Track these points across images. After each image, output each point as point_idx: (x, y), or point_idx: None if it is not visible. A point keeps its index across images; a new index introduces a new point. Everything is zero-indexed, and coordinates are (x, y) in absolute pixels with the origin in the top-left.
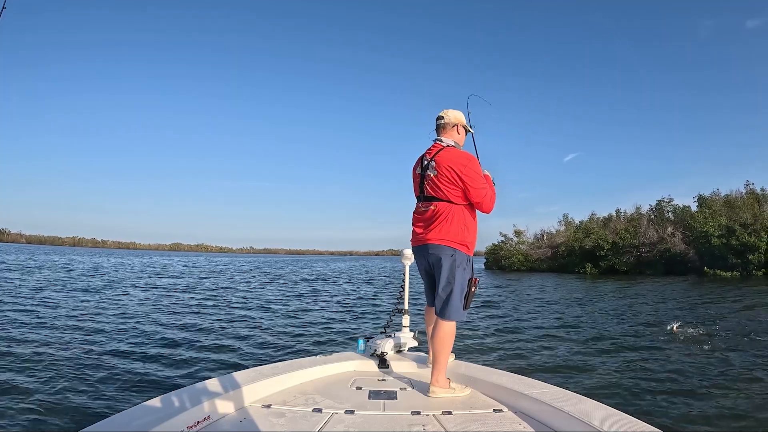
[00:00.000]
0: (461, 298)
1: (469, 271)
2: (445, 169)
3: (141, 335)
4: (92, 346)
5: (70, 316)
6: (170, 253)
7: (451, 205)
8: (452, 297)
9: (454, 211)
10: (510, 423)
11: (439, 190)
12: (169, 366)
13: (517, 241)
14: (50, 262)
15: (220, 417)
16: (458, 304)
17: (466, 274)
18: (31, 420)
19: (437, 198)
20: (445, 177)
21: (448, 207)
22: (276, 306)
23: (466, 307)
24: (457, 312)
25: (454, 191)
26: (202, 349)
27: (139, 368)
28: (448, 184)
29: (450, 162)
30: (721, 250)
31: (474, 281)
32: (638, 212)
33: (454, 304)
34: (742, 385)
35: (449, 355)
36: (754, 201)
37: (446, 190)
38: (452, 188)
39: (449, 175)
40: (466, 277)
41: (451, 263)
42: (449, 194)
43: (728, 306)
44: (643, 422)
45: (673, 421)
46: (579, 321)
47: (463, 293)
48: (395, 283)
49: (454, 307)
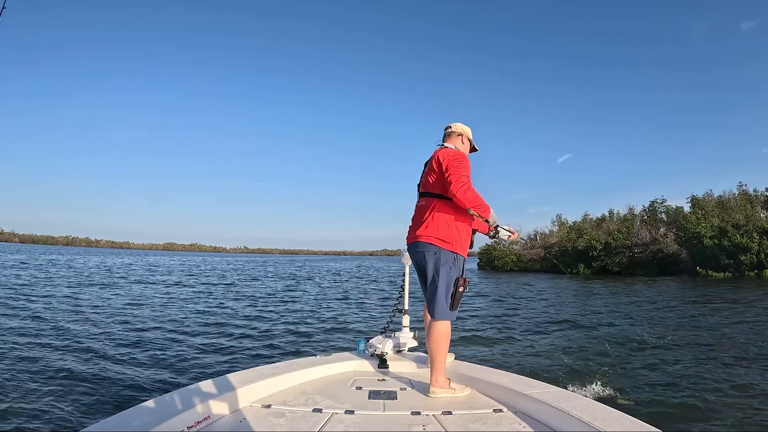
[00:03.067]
0: (447, 297)
1: (457, 270)
2: (435, 162)
3: (141, 335)
4: (92, 346)
5: (68, 315)
6: (164, 252)
7: (438, 201)
8: (437, 296)
9: (441, 207)
10: (510, 423)
11: (428, 185)
12: (169, 366)
13: (509, 241)
14: (47, 262)
15: (220, 417)
16: (444, 304)
17: (453, 273)
18: (31, 420)
19: (428, 193)
20: (434, 171)
21: (435, 202)
22: (276, 306)
23: (453, 307)
24: (444, 312)
25: (440, 185)
26: (202, 349)
27: (139, 368)
28: (435, 177)
29: (441, 156)
30: (713, 251)
31: (462, 281)
32: (631, 213)
33: (440, 304)
34: (740, 385)
35: (447, 355)
36: (747, 202)
37: (434, 184)
38: (439, 182)
39: (438, 168)
40: (453, 276)
41: (435, 261)
42: (436, 188)
43: (721, 307)
44: (643, 422)
45: (673, 421)
46: (576, 321)
47: (449, 293)
48: (394, 282)
49: (440, 307)
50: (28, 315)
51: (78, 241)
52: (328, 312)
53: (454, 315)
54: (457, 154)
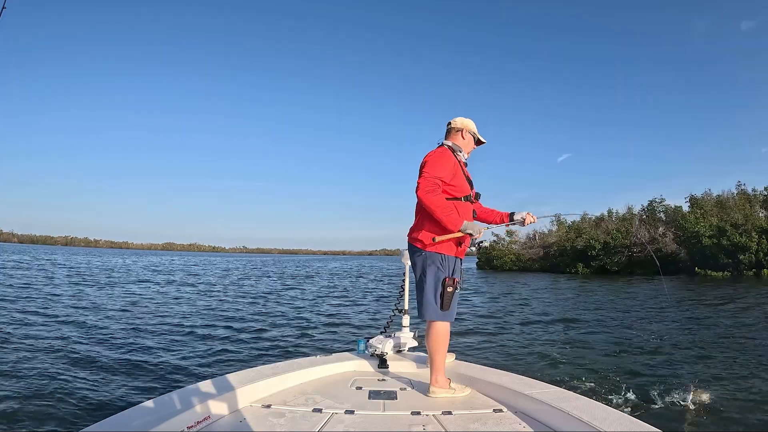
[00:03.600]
0: (435, 297)
1: (445, 270)
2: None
3: (140, 335)
4: (91, 346)
5: (68, 315)
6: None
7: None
8: (424, 296)
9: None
10: (510, 423)
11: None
12: (169, 366)
13: (509, 240)
14: (46, 261)
15: (220, 417)
16: (433, 304)
17: (440, 274)
18: (31, 420)
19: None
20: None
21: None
22: (275, 306)
23: (443, 307)
24: (434, 312)
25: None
26: (202, 349)
27: (139, 368)
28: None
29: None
30: (712, 251)
31: (452, 281)
32: (630, 212)
33: (428, 304)
34: (740, 384)
35: (445, 355)
36: (746, 201)
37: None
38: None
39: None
40: (441, 276)
41: (422, 262)
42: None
43: (719, 306)
44: (643, 422)
45: (673, 421)
46: (575, 320)
47: (437, 293)
48: (393, 282)
49: (429, 307)
50: (28, 315)
51: (77, 241)
52: (328, 312)
53: (448, 315)
54: (434, 155)
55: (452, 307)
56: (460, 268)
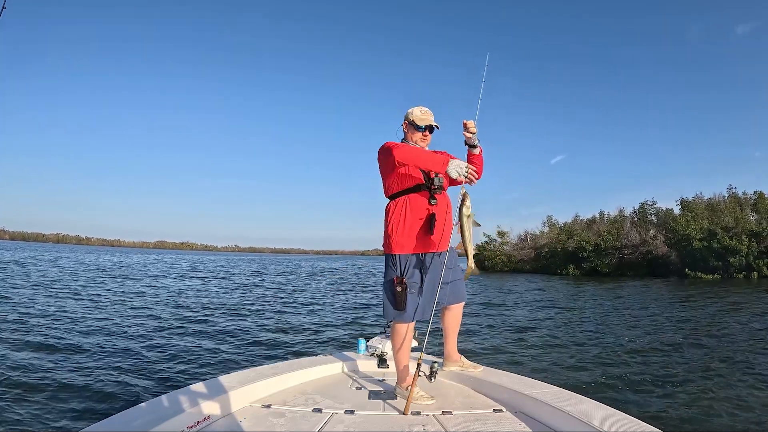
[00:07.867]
0: (389, 297)
1: (396, 270)
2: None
3: (140, 334)
4: (91, 346)
5: (68, 315)
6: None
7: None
8: (383, 297)
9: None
10: (510, 423)
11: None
12: (169, 366)
13: (500, 242)
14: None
15: (220, 417)
16: (387, 305)
17: (391, 273)
18: (31, 420)
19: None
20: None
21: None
22: (275, 306)
23: (396, 307)
24: (390, 313)
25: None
26: (202, 349)
27: (139, 368)
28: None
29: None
30: (702, 253)
31: (399, 280)
32: (621, 214)
33: (385, 305)
34: (736, 384)
35: (407, 355)
36: (736, 205)
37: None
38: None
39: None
40: (391, 276)
41: (385, 263)
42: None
43: (710, 308)
44: (643, 422)
45: (672, 420)
46: (573, 321)
47: (390, 293)
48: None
49: (386, 308)
50: (27, 315)
51: (68, 238)
52: (327, 312)
53: (405, 316)
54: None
55: (408, 307)
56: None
